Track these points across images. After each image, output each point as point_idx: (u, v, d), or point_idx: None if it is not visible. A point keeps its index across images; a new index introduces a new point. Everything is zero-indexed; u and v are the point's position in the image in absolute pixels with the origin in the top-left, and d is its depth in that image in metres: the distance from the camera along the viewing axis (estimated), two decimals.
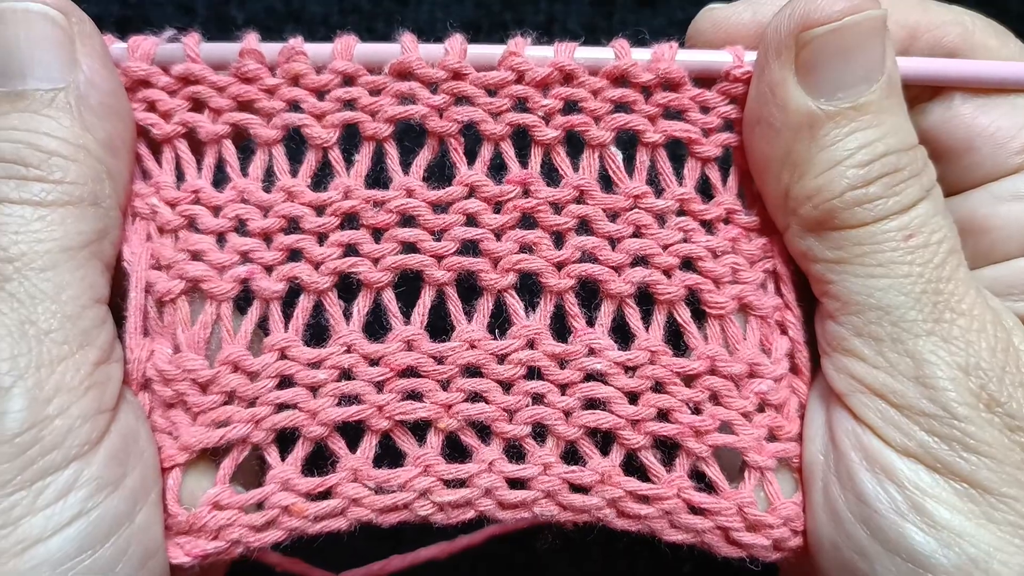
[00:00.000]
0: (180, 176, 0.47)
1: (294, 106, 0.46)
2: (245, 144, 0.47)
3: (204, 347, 0.45)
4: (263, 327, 0.46)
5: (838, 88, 0.41)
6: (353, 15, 0.69)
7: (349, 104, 0.46)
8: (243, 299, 0.46)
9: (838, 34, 0.41)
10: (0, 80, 0.42)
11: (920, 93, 0.46)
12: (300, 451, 0.45)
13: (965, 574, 0.39)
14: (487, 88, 0.45)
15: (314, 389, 0.45)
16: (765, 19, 0.43)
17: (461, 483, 0.45)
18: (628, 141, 0.46)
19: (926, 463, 0.41)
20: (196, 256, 0.45)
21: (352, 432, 0.46)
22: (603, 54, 0.45)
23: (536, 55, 0.45)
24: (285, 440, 0.46)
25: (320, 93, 0.46)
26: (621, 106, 0.45)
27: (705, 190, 0.47)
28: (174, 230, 0.46)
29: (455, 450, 0.46)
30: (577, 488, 0.46)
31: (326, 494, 0.45)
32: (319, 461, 0.46)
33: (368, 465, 0.45)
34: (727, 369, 0.46)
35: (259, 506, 0.45)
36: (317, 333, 0.46)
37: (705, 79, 0.45)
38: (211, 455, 0.45)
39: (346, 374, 0.45)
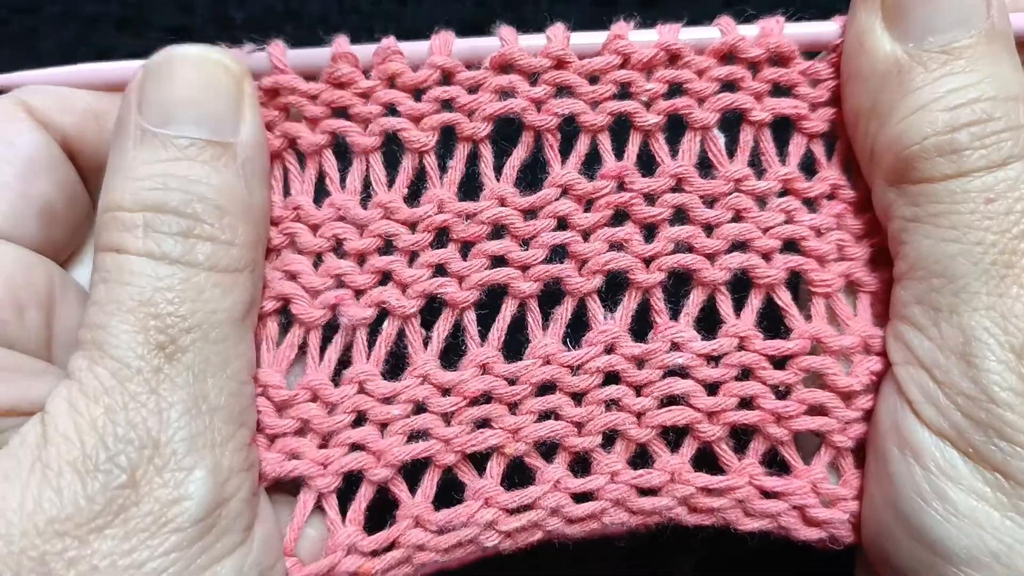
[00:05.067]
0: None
1: (390, 109, 0.43)
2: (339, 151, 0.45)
3: (287, 368, 0.44)
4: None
5: (928, 32, 0.39)
6: (352, 15, 0.68)
7: (447, 104, 0.43)
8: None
9: None
10: (169, 124, 0.38)
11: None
12: (363, 500, 0.43)
13: (984, 567, 0.37)
14: (589, 75, 0.43)
15: (384, 426, 0.43)
16: None
17: (527, 506, 0.44)
18: (728, 123, 0.45)
19: (959, 446, 0.38)
20: (292, 277, 0.44)
21: (413, 467, 0.44)
22: (708, 34, 0.43)
23: (637, 39, 0.43)
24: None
25: (417, 93, 0.43)
26: (726, 86, 0.44)
27: (807, 167, 0.46)
28: (276, 249, 0.44)
29: (520, 470, 0.45)
30: (646, 491, 0.44)
31: (390, 544, 0.43)
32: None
33: (429, 508, 0.43)
34: (836, 344, 0.44)
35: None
36: (391, 358, 0.44)
37: (814, 51, 0.44)
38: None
39: (419, 406, 0.44)
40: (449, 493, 0.44)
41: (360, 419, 0.43)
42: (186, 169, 0.38)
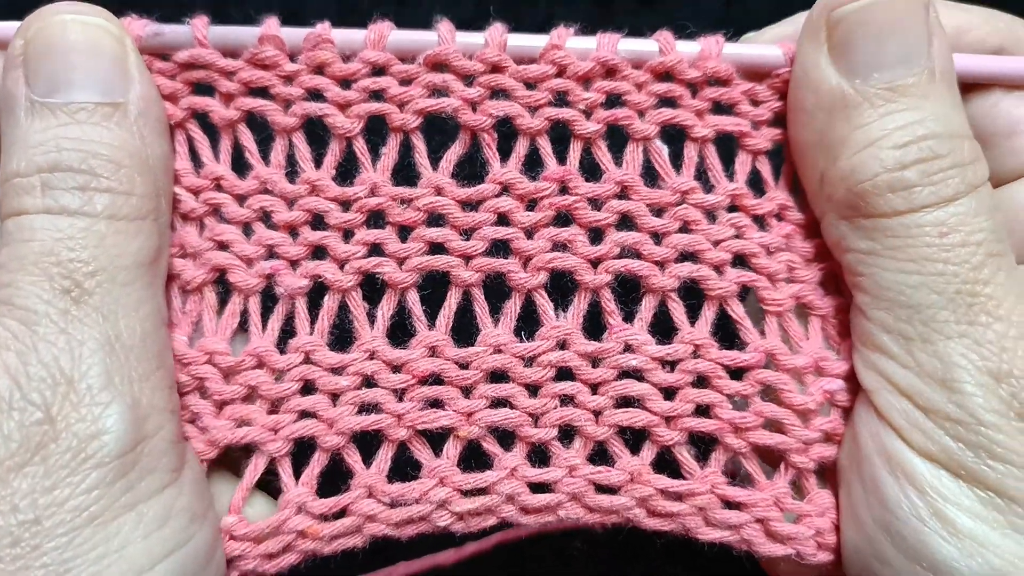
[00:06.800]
0: (194, 160, 0.45)
1: (316, 95, 0.44)
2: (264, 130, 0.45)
3: (230, 337, 0.44)
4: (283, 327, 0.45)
5: (873, 69, 0.40)
6: (352, 16, 0.68)
7: (377, 94, 0.44)
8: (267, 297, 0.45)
9: (869, 12, 0.39)
10: (58, 92, 0.38)
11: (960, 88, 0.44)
12: (315, 466, 0.44)
13: None
14: (526, 81, 0.43)
15: (335, 396, 0.44)
16: None
17: (482, 491, 0.44)
18: (673, 137, 0.45)
19: (950, 469, 0.39)
20: (223, 246, 0.44)
21: (368, 443, 0.45)
22: (647, 46, 0.44)
23: (577, 47, 0.43)
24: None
25: (346, 82, 0.44)
26: (667, 100, 0.44)
27: (756, 185, 0.46)
28: (199, 218, 0.44)
29: (478, 456, 0.45)
30: (605, 489, 0.45)
31: (341, 511, 0.44)
32: (331, 465, 0.45)
33: (383, 480, 0.44)
34: (789, 362, 0.44)
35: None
36: (341, 335, 0.45)
37: (755, 72, 0.44)
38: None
39: (368, 381, 0.44)
40: (407, 473, 0.45)
41: (309, 388, 0.44)
42: (78, 131, 0.38)
